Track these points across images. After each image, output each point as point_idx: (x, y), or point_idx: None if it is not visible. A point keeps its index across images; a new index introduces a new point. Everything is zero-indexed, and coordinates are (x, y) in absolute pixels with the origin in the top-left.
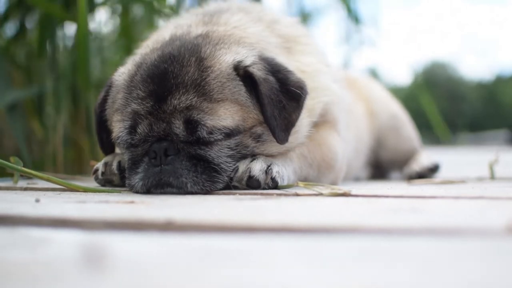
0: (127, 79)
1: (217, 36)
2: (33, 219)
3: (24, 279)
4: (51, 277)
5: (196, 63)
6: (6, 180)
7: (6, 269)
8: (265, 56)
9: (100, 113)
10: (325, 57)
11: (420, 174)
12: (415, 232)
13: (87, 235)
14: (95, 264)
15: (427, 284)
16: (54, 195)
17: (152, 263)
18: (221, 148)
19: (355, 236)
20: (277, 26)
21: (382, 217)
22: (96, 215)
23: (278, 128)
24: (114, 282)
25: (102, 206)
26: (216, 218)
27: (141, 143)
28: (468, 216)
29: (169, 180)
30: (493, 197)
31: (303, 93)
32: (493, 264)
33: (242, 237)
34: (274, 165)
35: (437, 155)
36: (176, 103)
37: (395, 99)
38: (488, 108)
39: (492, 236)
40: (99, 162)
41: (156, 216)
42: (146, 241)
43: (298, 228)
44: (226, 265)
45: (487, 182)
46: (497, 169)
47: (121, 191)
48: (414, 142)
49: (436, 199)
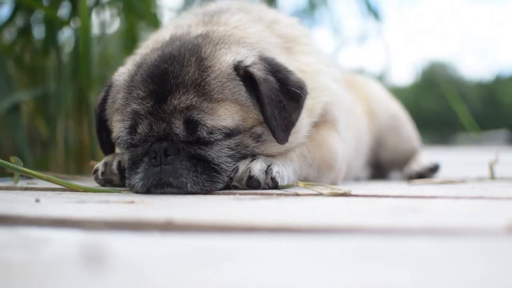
0: (127, 79)
1: (217, 36)
2: (33, 219)
3: (24, 279)
4: (51, 277)
5: (196, 63)
6: (6, 180)
7: (6, 269)
8: (265, 56)
9: (100, 113)
10: (325, 57)
11: (420, 174)
12: (415, 232)
13: (87, 235)
14: (95, 264)
15: (427, 284)
16: (54, 195)
17: (152, 263)
18: (221, 148)
19: (355, 236)
20: (277, 26)
21: (382, 217)
22: (96, 215)
23: (278, 128)
24: (114, 282)
25: (102, 206)
26: (216, 218)
27: (141, 143)
28: (468, 216)
29: (169, 180)
30: (493, 197)
31: (303, 93)
32: (493, 264)
33: (242, 237)
34: (274, 165)
35: (437, 155)
36: (176, 103)
37: (395, 99)
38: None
39: (492, 236)
40: (99, 162)
41: (156, 216)
42: (146, 241)
43: (298, 228)
44: (226, 265)
45: (487, 182)
46: (497, 169)
47: (121, 191)
48: (414, 142)
49: (436, 199)
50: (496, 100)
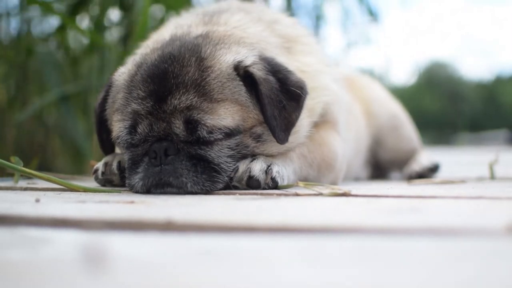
0: (127, 79)
1: (217, 36)
2: (33, 219)
3: (24, 279)
4: (51, 277)
5: (196, 63)
6: (6, 180)
7: (6, 269)
8: (265, 56)
9: (100, 113)
10: (325, 57)
11: (420, 174)
12: (415, 232)
13: (87, 235)
14: (95, 264)
15: (427, 284)
16: (54, 195)
17: (152, 263)
18: (221, 148)
19: (355, 236)
20: (277, 26)
21: (382, 217)
22: (96, 215)
23: (278, 128)
24: (114, 282)
25: (102, 206)
26: (216, 218)
27: (141, 143)
28: (468, 216)
29: (169, 180)
30: (493, 197)
31: (303, 93)
32: (493, 264)
33: (242, 237)
34: (274, 165)
35: (437, 155)
36: (176, 103)
37: (395, 99)
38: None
39: (492, 236)
40: (99, 162)
41: (156, 216)
42: (146, 241)
43: (298, 228)
44: (226, 265)
45: (487, 182)
46: (497, 169)
47: (121, 191)
48: (414, 142)
49: (436, 199)
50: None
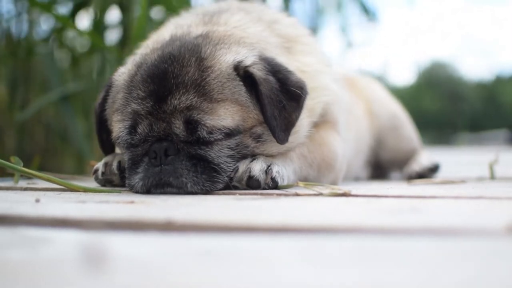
0: (127, 79)
1: (217, 36)
2: (33, 219)
3: (24, 279)
4: (51, 277)
5: (196, 63)
6: (6, 180)
7: (6, 269)
8: (265, 56)
9: (100, 113)
10: (325, 57)
11: (420, 174)
12: (415, 232)
13: (87, 235)
14: (95, 264)
15: (427, 284)
16: (54, 195)
17: (152, 263)
18: (221, 148)
19: (355, 236)
20: (277, 26)
21: (382, 217)
22: (96, 215)
23: (278, 128)
24: (114, 282)
25: (102, 206)
26: (216, 218)
27: (141, 143)
28: (468, 216)
29: (169, 180)
30: (493, 197)
31: (303, 93)
32: (493, 264)
33: (242, 237)
34: (274, 165)
35: (437, 155)
36: (176, 103)
37: (395, 99)
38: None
39: (492, 236)
40: (99, 162)
41: (156, 216)
42: (146, 241)
43: (298, 228)
44: (226, 265)
45: (487, 182)
46: (497, 169)
47: (121, 191)
48: (414, 142)
49: (436, 199)
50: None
